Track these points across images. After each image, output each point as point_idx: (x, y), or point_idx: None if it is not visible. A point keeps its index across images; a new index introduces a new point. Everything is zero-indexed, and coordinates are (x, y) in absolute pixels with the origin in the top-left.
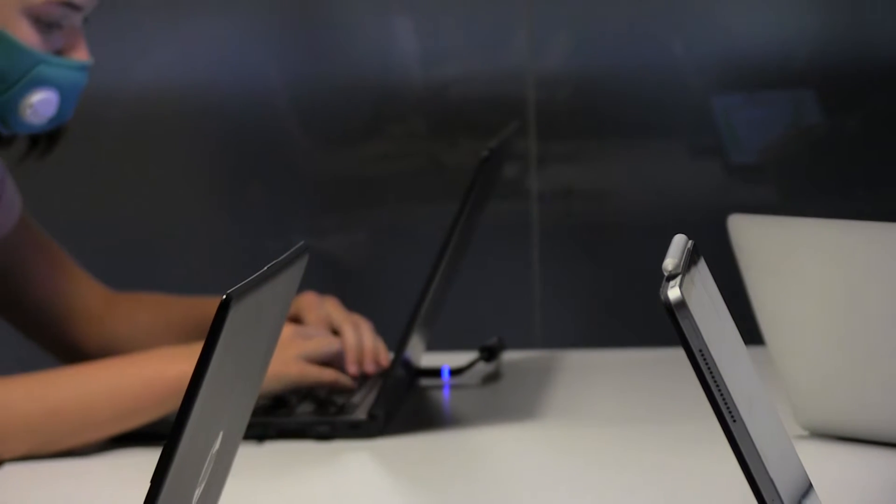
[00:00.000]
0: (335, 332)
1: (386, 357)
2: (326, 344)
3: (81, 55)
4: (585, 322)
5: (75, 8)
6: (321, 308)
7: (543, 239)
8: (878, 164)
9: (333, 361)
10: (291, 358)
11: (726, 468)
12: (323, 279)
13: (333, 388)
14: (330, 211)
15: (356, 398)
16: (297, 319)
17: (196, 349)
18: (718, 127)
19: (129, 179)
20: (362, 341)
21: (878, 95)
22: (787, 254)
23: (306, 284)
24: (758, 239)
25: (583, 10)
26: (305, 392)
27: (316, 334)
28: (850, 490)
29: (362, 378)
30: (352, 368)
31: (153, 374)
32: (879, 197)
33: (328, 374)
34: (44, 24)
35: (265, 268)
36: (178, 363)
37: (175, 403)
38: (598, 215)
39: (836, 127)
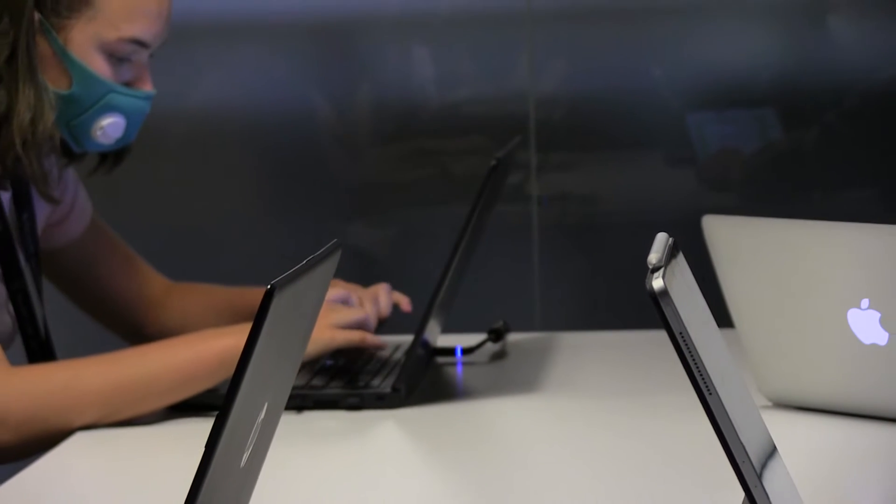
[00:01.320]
0: None
1: (405, 302)
2: (353, 312)
3: (146, 86)
4: (579, 308)
5: (143, 45)
6: (343, 285)
7: (542, 237)
8: (831, 172)
9: (361, 327)
10: (324, 326)
11: (703, 433)
12: (352, 272)
13: (363, 348)
14: (359, 213)
15: (381, 374)
16: None
17: (237, 328)
18: (692, 140)
19: (186, 187)
20: (379, 304)
21: (830, 113)
22: (753, 249)
23: (339, 276)
24: (728, 236)
25: (576, 41)
26: (340, 366)
27: (343, 307)
28: (808, 451)
29: (384, 362)
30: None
31: (202, 349)
32: (832, 200)
33: (356, 336)
34: (115, 59)
35: (304, 261)
36: (222, 339)
37: (222, 374)
38: (589, 216)
39: (793, 140)
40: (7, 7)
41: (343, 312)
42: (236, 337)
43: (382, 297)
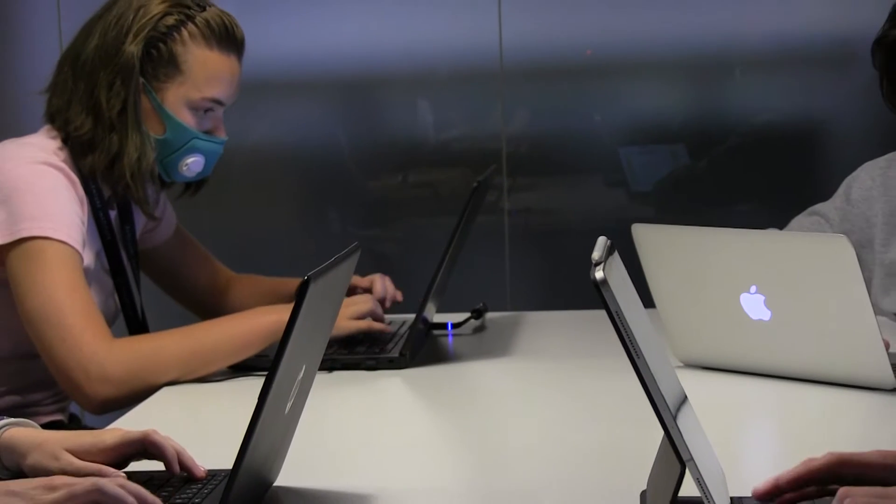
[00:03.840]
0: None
1: (399, 295)
2: (365, 305)
3: (221, 134)
4: (540, 293)
5: (220, 103)
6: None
7: (512, 240)
8: (722, 193)
9: (372, 313)
10: (344, 317)
11: (632, 387)
12: (369, 267)
13: (372, 332)
14: (374, 222)
15: (392, 343)
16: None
17: (281, 307)
18: (623, 168)
19: (245, 205)
20: (386, 288)
21: (721, 148)
22: (670, 248)
23: (359, 269)
24: (651, 239)
25: (537, 94)
26: (359, 340)
27: (358, 300)
28: (711, 400)
29: (391, 335)
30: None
31: (255, 323)
32: (722, 212)
33: (365, 324)
34: (199, 113)
35: (331, 259)
36: (270, 315)
37: (271, 341)
38: (547, 225)
39: (697, 168)
40: (120, 74)
41: (358, 305)
42: (281, 314)
43: (381, 284)
